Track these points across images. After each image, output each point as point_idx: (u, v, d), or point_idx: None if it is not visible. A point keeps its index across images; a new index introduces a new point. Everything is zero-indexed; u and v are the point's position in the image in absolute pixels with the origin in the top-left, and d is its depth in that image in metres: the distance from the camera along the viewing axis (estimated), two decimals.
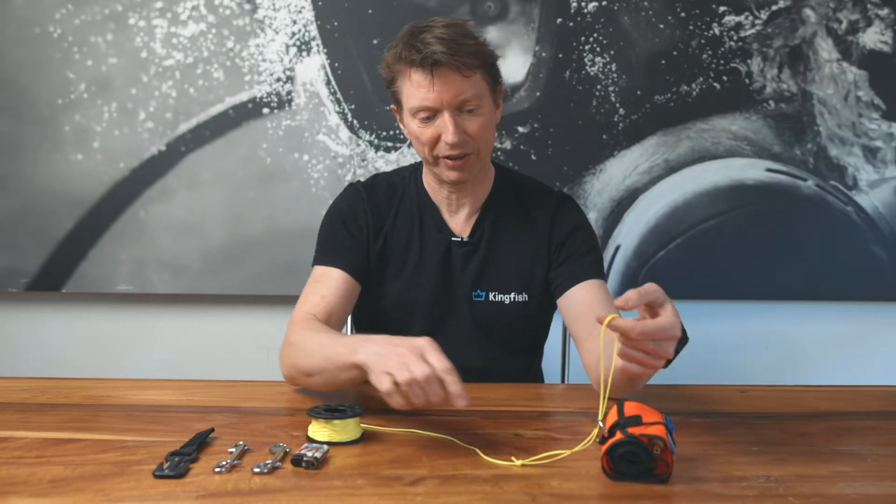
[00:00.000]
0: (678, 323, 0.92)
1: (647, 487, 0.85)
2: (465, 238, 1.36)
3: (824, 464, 0.93)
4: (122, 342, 2.08)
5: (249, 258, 2.01)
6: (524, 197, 1.40)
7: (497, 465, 0.90)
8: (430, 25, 1.22)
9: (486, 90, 1.25)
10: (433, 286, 1.35)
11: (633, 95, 2.01)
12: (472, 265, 1.35)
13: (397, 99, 1.28)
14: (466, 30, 1.24)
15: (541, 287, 1.36)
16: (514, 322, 1.36)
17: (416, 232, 1.36)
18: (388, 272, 1.36)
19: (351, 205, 1.37)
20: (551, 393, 1.35)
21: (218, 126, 1.98)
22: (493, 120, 1.29)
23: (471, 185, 1.34)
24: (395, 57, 1.24)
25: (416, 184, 1.39)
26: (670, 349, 0.92)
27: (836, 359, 2.14)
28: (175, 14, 1.95)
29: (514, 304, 1.35)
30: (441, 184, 1.34)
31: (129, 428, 1.03)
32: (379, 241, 1.35)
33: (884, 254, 2.07)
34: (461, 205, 1.37)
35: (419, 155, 1.31)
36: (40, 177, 1.98)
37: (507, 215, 1.38)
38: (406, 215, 1.37)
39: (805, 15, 2.01)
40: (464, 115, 1.23)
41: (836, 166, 2.04)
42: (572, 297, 1.30)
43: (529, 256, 1.36)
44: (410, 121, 1.26)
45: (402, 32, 1.25)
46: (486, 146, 1.29)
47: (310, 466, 0.88)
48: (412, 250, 1.36)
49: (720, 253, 2.05)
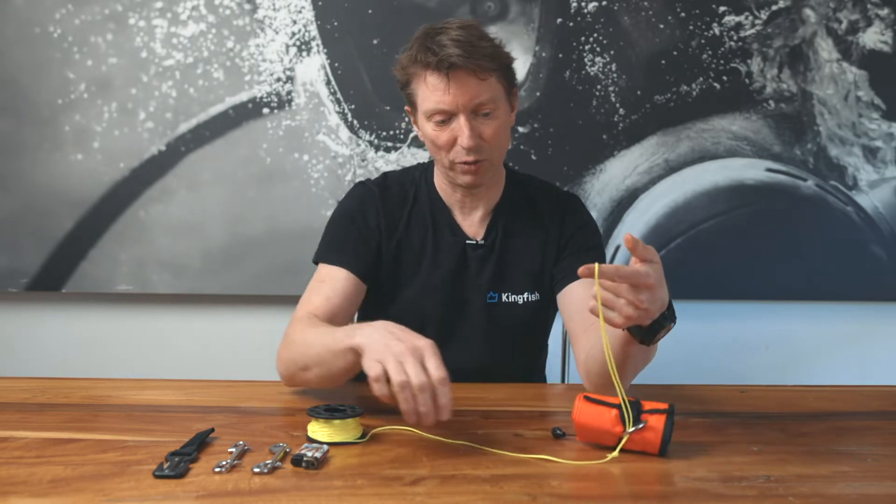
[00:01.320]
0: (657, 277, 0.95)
1: (647, 487, 0.85)
2: (480, 241, 1.35)
3: (824, 464, 0.93)
4: (122, 342, 2.08)
5: (249, 258, 2.01)
6: (533, 198, 1.40)
7: (496, 466, 0.90)
8: (445, 27, 1.21)
9: (501, 93, 1.24)
10: (448, 289, 1.34)
11: (633, 95, 2.01)
12: (487, 268, 1.35)
13: (412, 101, 1.27)
14: (482, 32, 1.23)
15: (550, 286, 1.37)
16: (526, 322, 1.36)
17: (429, 235, 1.35)
18: (401, 275, 1.35)
19: (362, 203, 1.35)
20: (551, 393, 1.36)
21: (218, 126, 1.98)
22: (508, 123, 1.28)
23: (484, 188, 1.34)
24: (410, 59, 1.22)
25: (427, 186, 1.38)
26: (647, 301, 0.94)
27: (836, 359, 2.14)
28: (175, 14, 1.95)
29: (527, 304, 1.35)
30: (454, 187, 1.33)
31: (129, 428, 1.03)
32: (392, 243, 1.34)
33: (884, 254, 2.06)
34: (474, 207, 1.36)
35: (434, 158, 1.30)
36: (40, 177, 1.98)
37: (518, 217, 1.37)
38: (419, 218, 1.36)
39: (805, 15, 2.01)
40: (479, 119, 1.22)
41: (836, 166, 2.04)
42: (570, 292, 1.31)
43: (540, 256, 1.36)
44: (425, 124, 1.25)
45: (417, 34, 1.23)
46: (500, 150, 1.28)
47: (310, 466, 0.88)
48: (426, 253, 1.35)
49: (720, 253, 2.05)
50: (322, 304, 1.25)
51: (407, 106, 1.31)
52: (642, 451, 0.93)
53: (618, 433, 0.93)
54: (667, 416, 0.93)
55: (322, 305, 1.25)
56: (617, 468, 0.90)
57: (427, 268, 1.34)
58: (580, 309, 1.26)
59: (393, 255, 1.34)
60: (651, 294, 0.94)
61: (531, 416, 1.12)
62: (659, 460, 0.93)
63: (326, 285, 1.28)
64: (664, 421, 0.92)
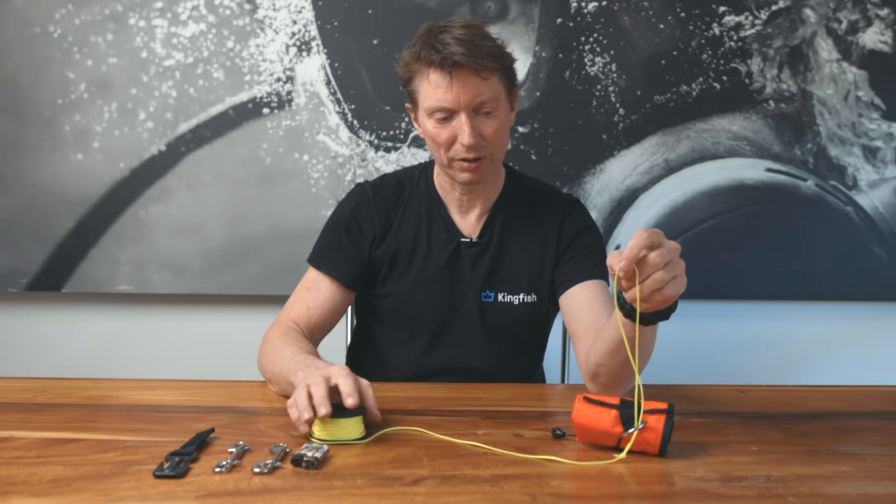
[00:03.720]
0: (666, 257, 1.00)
1: (647, 487, 0.85)
2: (475, 238, 1.36)
3: (824, 464, 0.93)
4: (122, 342, 2.08)
5: (249, 258, 2.01)
6: (533, 199, 1.40)
7: (496, 466, 0.90)
8: (448, 26, 1.21)
9: (502, 92, 1.25)
10: (440, 286, 1.35)
11: (633, 95, 2.01)
12: (481, 266, 1.35)
13: (413, 98, 1.28)
14: (485, 31, 1.24)
15: (548, 288, 1.37)
16: (522, 323, 1.37)
17: (423, 230, 1.36)
18: (394, 271, 1.36)
19: (357, 208, 1.37)
20: (551, 393, 1.35)
21: (218, 126, 1.98)
22: (508, 122, 1.29)
23: (482, 186, 1.34)
24: (413, 56, 1.23)
25: (426, 182, 1.39)
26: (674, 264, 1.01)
27: (836, 359, 2.14)
28: (175, 14, 1.95)
29: (522, 304, 1.35)
30: (453, 184, 1.34)
31: (129, 428, 1.03)
32: (385, 243, 1.35)
33: (884, 254, 2.07)
34: (472, 206, 1.37)
35: (434, 155, 1.31)
36: (40, 177, 1.98)
37: (517, 217, 1.38)
38: (413, 213, 1.37)
39: (805, 15, 2.01)
40: (480, 117, 1.23)
41: (836, 166, 2.04)
42: (573, 295, 1.31)
43: (538, 258, 1.36)
44: (426, 121, 1.25)
45: (420, 32, 1.24)
46: (500, 149, 1.29)
47: (310, 466, 0.88)
48: (419, 249, 1.36)
49: (720, 253, 2.05)
50: (303, 314, 1.31)
51: (407, 103, 1.31)
52: (642, 451, 0.94)
53: (617, 433, 0.93)
54: (667, 416, 0.93)
55: (303, 315, 1.31)
56: (617, 468, 0.90)
57: (419, 264, 1.35)
58: (583, 310, 1.27)
59: (386, 251, 1.35)
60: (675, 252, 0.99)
61: (531, 416, 1.12)
62: (659, 460, 0.93)
63: (310, 294, 1.33)
64: (664, 421, 0.92)
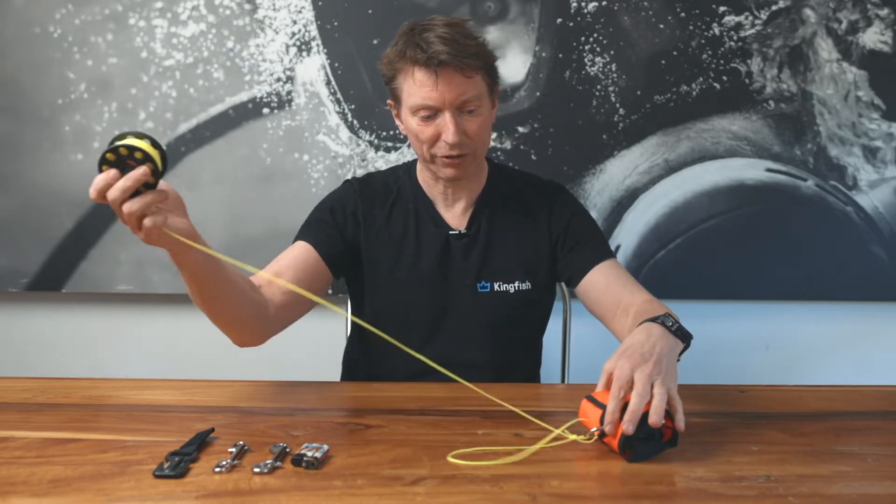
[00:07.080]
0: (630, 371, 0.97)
1: (647, 487, 0.85)
2: (463, 230, 1.38)
3: (824, 464, 0.93)
4: (122, 342, 2.08)
5: (249, 258, 2.01)
6: (518, 188, 1.43)
7: (496, 465, 0.90)
8: (431, 24, 1.23)
9: (485, 90, 1.27)
10: (433, 279, 1.36)
11: (633, 95, 2.01)
12: (472, 257, 1.37)
13: (396, 96, 1.29)
14: (467, 30, 1.25)
15: (543, 275, 1.39)
16: (518, 310, 1.38)
17: (411, 227, 1.38)
18: (384, 267, 1.37)
19: (341, 196, 1.41)
20: (551, 393, 1.35)
21: (218, 126, 1.98)
22: (491, 119, 1.32)
23: (466, 180, 1.36)
24: (397, 54, 1.24)
25: (410, 181, 1.41)
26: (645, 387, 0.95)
27: (836, 359, 2.14)
28: (175, 14, 1.95)
29: (518, 292, 1.37)
30: (436, 179, 1.37)
31: (129, 428, 1.03)
32: (371, 236, 1.37)
33: (884, 254, 2.06)
34: (457, 199, 1.39)
35: (416, 152, 1.32)
36: (40, 177, 1.98)
37: (503, 207, 1.40)
38: (401, 212, 1.39)
39: (805, 15, 2.01)
40: (464, 116, 1.25)
41: (836, 166, 2.04)
42: (589, 283, 1.34)
43: (530, 245, 1.39)
44: (409, 118, 1.27)
45: (403, 30, 1.26)
46: (482, 145, 1.31)
47: (310, 466, 0.88)
48: (408, 245, 1.37)
49: (720, 253, 2.05)
50: (267, 270, 1.28)
51: (390, 100, 1.33)
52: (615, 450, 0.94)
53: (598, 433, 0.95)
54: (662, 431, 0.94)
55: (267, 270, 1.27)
56: (617, 468, 0.91)
57: (410, 259, 1.37)
58: (603, 293, 1.31)
59: (373, 248, 1.37)
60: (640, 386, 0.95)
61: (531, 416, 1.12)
62: (659, 460, 0.93)
63: (281, 257, 1.31)
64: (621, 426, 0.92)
